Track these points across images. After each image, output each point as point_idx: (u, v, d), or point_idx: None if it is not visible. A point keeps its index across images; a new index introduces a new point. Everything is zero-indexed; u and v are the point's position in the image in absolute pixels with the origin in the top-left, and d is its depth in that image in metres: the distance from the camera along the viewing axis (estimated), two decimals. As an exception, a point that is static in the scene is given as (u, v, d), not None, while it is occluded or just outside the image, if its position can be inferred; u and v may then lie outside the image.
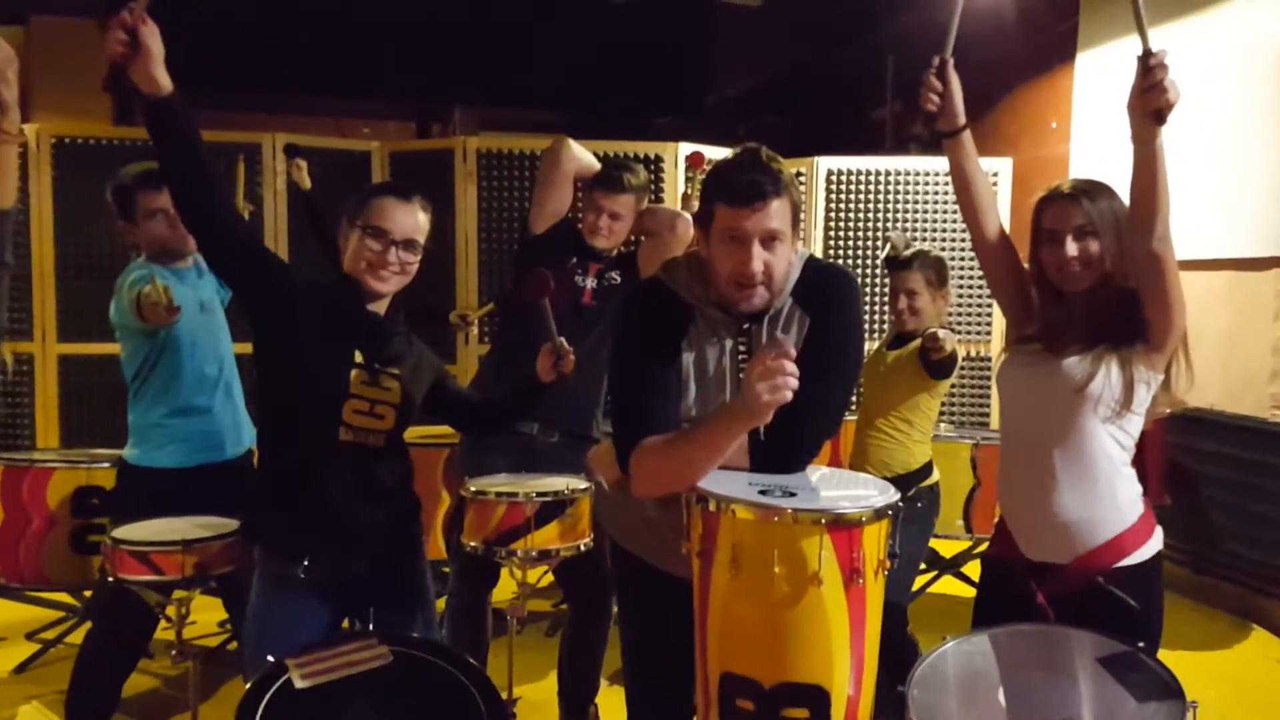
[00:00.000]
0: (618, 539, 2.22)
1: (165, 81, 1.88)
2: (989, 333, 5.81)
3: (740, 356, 2.00)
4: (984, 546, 4.44)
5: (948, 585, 4.60)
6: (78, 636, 3.71)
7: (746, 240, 1.89)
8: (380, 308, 2.20)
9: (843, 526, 1.70)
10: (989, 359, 5.84)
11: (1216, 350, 4.54)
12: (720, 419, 1.86)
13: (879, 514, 1.74)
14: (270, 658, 1.82)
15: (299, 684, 1.79)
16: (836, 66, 8.41)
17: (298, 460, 2.10)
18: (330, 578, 2.07)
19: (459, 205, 5.30)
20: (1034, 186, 2.27)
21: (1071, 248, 2.06)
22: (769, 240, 1.90)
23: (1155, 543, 2.10)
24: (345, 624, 2.05)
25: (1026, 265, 2.23)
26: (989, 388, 5.87)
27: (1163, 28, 4.99)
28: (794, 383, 1.74)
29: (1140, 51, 1.81)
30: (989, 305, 5.80)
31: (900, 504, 1.80)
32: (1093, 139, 5.69)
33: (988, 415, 5.86)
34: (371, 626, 1.98)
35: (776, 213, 1.89)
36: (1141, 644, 1.82)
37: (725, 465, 1.91)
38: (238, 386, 3.06)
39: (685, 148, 5.04)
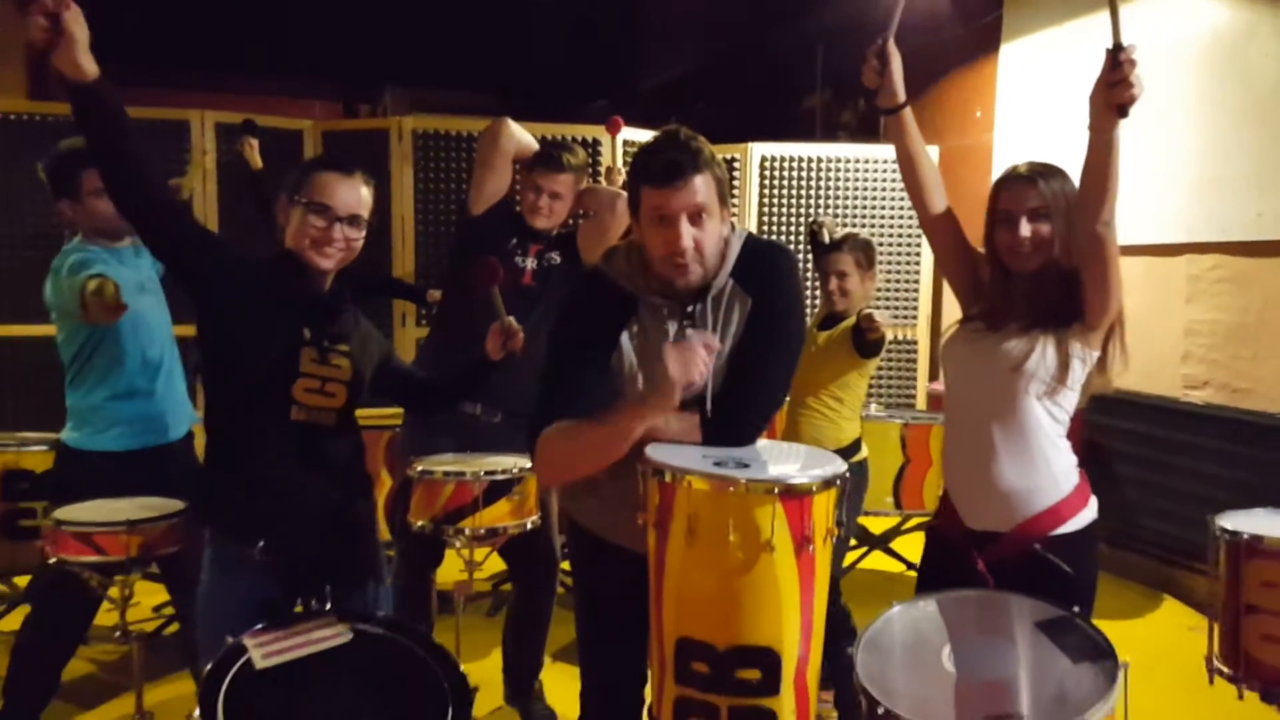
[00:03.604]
0: (572, 514, 2.25)
1: (90, 67, 1.80)
2: (915, 317, 5.97)
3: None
4: (913, 523, 4.66)
5: (878, 561, 4.73)
6: (8, 623, 3.63)
7: (673, 218, 1.94)
8: (324, 284, 2.18)
9: (794, 496, 1.76)
10: (915, 342, 6.01)
11: (1131, 333, 4.64)
12: (628, 403, 1.91)
13: (828, 484, 1.80)
14: (229, 638, 1.82)
15: (259, 664, 1.78)
16: (767, 54, 8.48)
17: (249, 441, 2.07)
18: (285, 557, 2.05)
19: (394, 186, 5.25)
20: (959, 174, 2.36)
21: (1025, 229, 2.13)
22: (696, 216, 1.95)
23: (1090, 512, 2.20)
24: (298, 605, 2.04)
25: (978, 247, 2.31)
26: (916, 370, 6.04)
27: (1089, 18, 5.20)
28: (704, 369, 1.80)
29: (1111, 45, 1.84)
30: (916, 289, 5.96)
31: (847, 474, 1.87)
32: (1016, 128, 5.84)
33: (914, 396, 6.03)
34: (329, 605, 1.97)
35: (700, 188, 1.94)
36: (1077, 608, 1.90)
37: (678, 440, 1.97)
38: (179, 368, 3.03)
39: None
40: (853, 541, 4.29)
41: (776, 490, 1.75)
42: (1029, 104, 5.69)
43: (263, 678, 1.77)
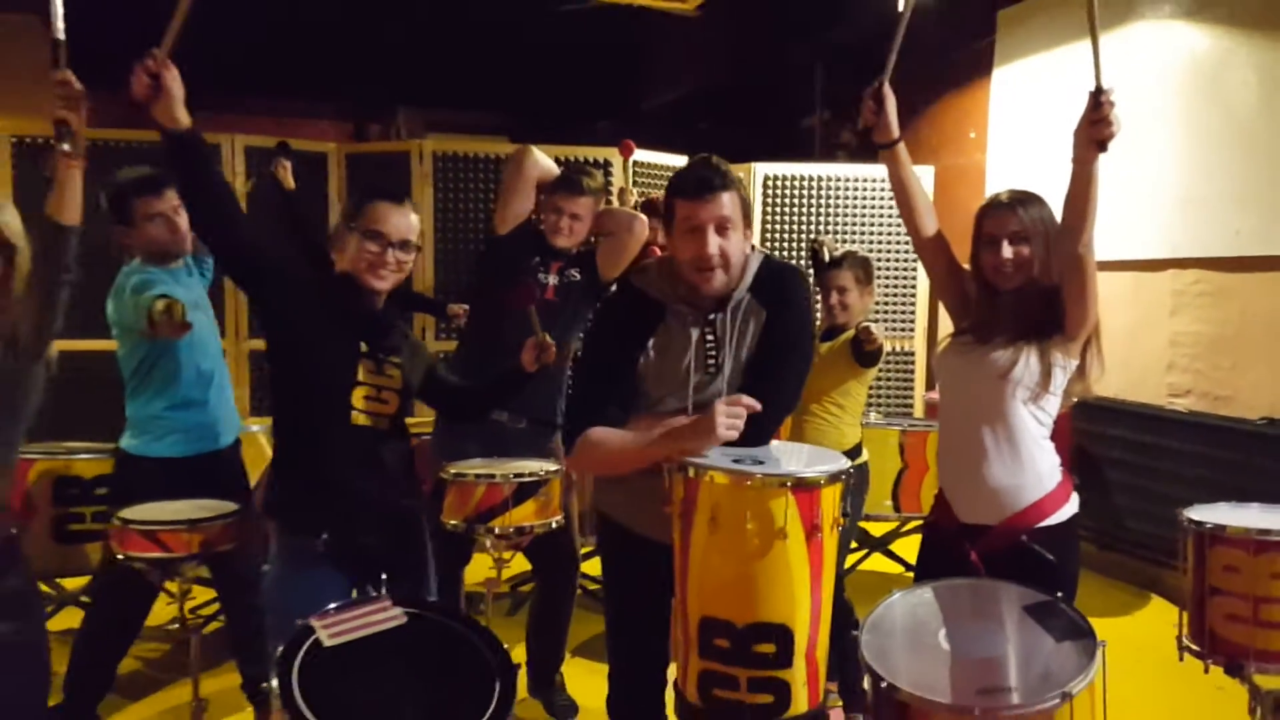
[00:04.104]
0: (602, 509, 2.47)
1: (184, 118, 2.07)
2: (913, 329, 6.19)
3: (708, 343, 2.27)
4: (911, 525, 4.87)
5: (878, 562, 4.93)
6: (57, 623, 3.82)
7: (702, 228, 2.19)
8: (378, 302, 2.41)
9: (805, 488, 1.97)
10: (913, 353, 6.22)
11: (1119, 344, 4.94)
12: (673, 432, 2.12)
13: (834, 478, 2.02)
14: (298, 621, 2.02)
15: (326, 643, 2.00)
16: (768, 75, 8.67)
17: (313, 443, 2.30)
18: (345, 549, 2.27)
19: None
20: (954, 193, 2.55)
21: (1007, 251, 2.35)
22: (722, 227, 2.20)
23: (1071, 506, 2.41)
24: (354, 591, 2.25)
25: (964, 265, 2.52)
26: (914, 380, 6.25)
27: (1079, 43, 5.41)
28: (741, 426, 2.03)
29: (1093, 87, 2.07)
30: (913, 303, 6.18)
31: (851, 470, 2.09)
32: (1008, 148, 6.02)
33: (912, 405, 6.24)
34: (385, 591, 2.18)
35: (726, 203, 2.20)
36: (1060, 594, 2.11)
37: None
38: (228, 380, 3.24)
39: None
40: (854, 544, 4.49)
41: (789, 483, 1.96)
42: (1021, 125, 5.87)
43: (329, 655, 1.97)
